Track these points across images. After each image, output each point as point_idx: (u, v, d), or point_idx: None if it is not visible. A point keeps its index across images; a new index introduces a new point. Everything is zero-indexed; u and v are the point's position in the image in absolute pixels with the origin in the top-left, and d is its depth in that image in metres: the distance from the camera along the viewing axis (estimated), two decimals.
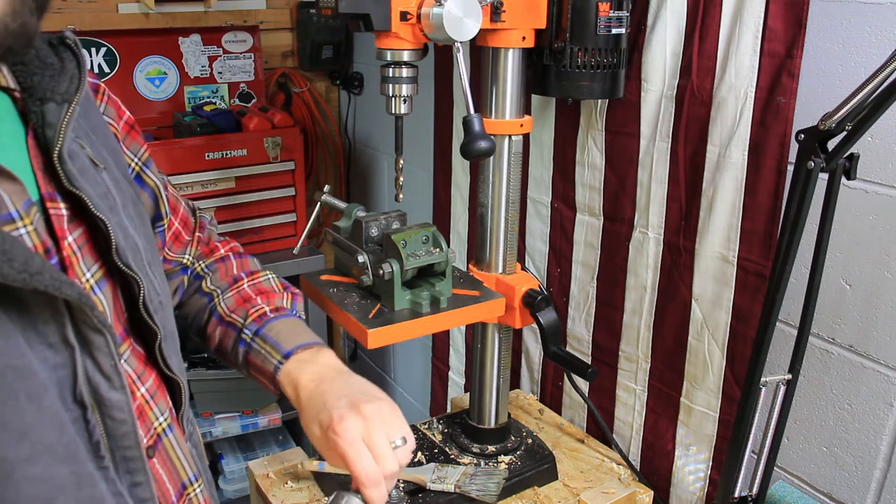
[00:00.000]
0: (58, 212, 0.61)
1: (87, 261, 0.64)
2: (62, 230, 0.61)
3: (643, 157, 1.39)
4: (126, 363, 0.68)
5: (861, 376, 1.15)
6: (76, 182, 0.62)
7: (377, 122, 2.40)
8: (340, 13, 1.06)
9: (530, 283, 1.31)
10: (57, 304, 0.57)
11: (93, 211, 0.63)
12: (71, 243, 0.62)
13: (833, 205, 0.99)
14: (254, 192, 2.00)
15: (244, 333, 0.89)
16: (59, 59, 0.66)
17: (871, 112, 0.87)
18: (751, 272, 1.24)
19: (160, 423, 0.71)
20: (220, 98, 2.25)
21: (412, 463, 1.39)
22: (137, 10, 2.09)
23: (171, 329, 0.75)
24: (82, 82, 0.65)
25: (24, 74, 0.63)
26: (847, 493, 1.20)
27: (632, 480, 1.43)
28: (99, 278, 0.65)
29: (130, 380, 0.68)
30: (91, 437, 0.60)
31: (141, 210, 0.77)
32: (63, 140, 0.61)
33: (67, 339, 0.58)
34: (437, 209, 1.98)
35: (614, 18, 1.24)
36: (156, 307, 0.70)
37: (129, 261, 0.66)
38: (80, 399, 0.59)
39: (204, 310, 0.93)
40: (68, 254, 0.62)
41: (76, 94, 0.64)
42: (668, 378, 1.42)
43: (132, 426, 0.63)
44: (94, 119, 0.73)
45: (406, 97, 1.17)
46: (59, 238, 0.61)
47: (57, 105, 0.62)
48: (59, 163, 0.61)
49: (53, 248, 0.61)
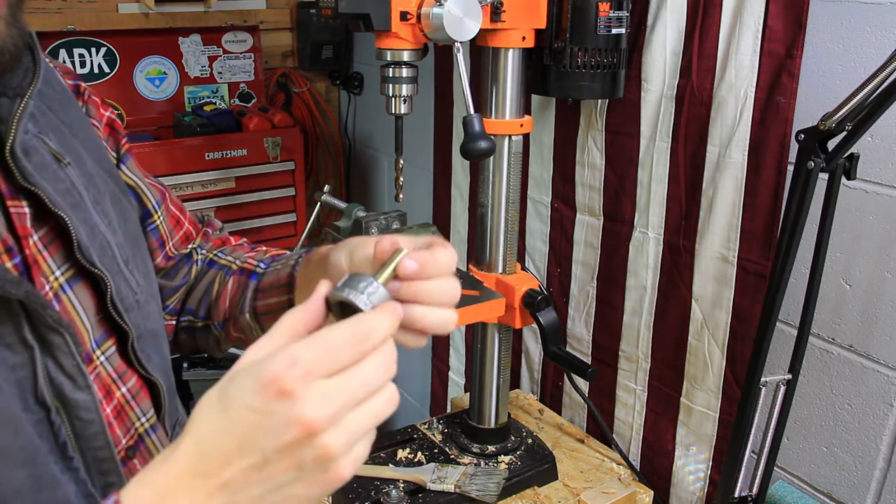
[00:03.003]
0: (19, 210, 0.60)
1: (57, 259, 0.63)
2: (24, 228, 0.60)
3: (643, 157, 1.39)
4: (107, 362, 0.67)
5: (861, 376, 1.15)
6: (31, 178, 0.60)
7: (377, 122, 2.40)
8: (340, 13, 1.06)
9: (530, 283, 1.31)
10: (11, 304, 0.56)
11: (50, 207, 0.61)
12: (36, 242, 0.61)
13: (833, 205, 0.99)
14: (254, 192, 2.00)
15: (258, 267, 0.87)
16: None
17: (871, 112, 0.87)
18: (751, 272, 1.24)
19: (142, 424, 0.70)
20: (220, 98, 2.25)
21: (412, 463, 1.39)
22: (137, 10, 2.09)
23: (150, 328, 0.73)
24: (36, 76, 0.64)
25: None
26: (847, 493, 1.20)
27: (632, 480, 1.43)
28: (70, 277, 0.64)
29: (110, 379, 0.67)
30: (57, 438, 0.59)
31: (123, 207, 0.75)
32: (15, 135, 0.59)
33: (25, 340, 0.57)
34: (437, 209, 1.98)
35: (614, 18, 1.24)
36: (128, 305, 0.69)
37: (94, 258, 0.65)
38: (42, 400, 0.58)
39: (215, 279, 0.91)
40: (32, 252, 0.61)
41: (29, 87, 0.62)
42: (668, 378, 1.42)
43: (101, 426, 0.62)
44: (71, 114, 0.71)
45: (406, 97, 1.17)
46: (20, 236, 0.60)
47: (9, 99, 0.61)
48: (12, 158, 0.59)
49: (15, 246, 0.60)
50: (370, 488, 1.31)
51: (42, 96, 0.67)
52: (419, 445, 1.44)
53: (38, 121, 0.65)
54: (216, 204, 1.94)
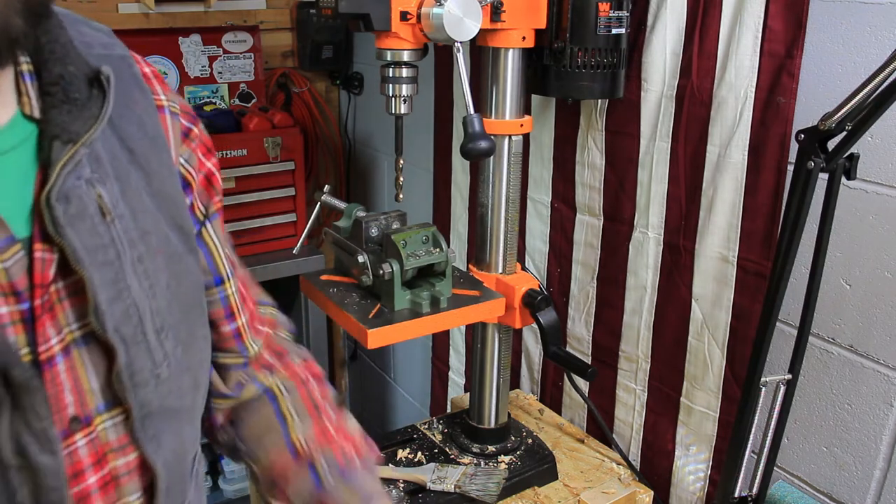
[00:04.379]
0: (44, 255, 0.57)
1: (76, 312, 0.59)
2: (43, 276, 0.57)
3: (643, 157, 1.39)
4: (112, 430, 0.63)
5: (861, 376, 1.15)
6: (60, 229, 0.57)
7: (377, 122, 2.40)
8: (340, 13, 1.06)
9: (530, 283, 1.31)
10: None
11: (71, 263, 0.57)
12: (59, 289, 0.58)
13: (833, 205, 0.99)
14: (254, 192, 1.99)
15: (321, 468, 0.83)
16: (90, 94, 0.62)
17: (871, 112, 0.86)
18: (751, 272, 1.24)
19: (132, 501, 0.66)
20: (220, 98, 2.25)
21: (412, 463, 1.39)
22: (137, 10, 2.09)
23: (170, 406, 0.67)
24: (97, 124, 0.60)
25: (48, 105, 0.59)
26: (847, 493, 1.20)
27: (632, 480, 1.43)
28: (85, 333, 0.60)
29: (108, 448, 0.63)
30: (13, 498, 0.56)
31: (182, 269, 0.69)
32: (54, 181, 0.57)
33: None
34: (437, 209, 1.98)
35: (614, 18, 1.24)
36: (141, 380, 0.63)
37: (107, 324, 0.60)
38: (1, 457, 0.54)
39: (275, 429, 0.85)
40: (51, 300, 0.57)
41: (85, 134, 0.59)
42: (668, 378, 1.42)
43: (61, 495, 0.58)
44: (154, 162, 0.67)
45: (406, 97, 1.17)
46: (35, 284, 0.56)
47: (62, 144, 0.58)
48: (46, 205, 0.56)
49: (27, 291, 0.56)
50: None
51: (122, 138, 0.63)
52: (419, 445, 1.44)
53: (101, 165, 0.61)
54: None
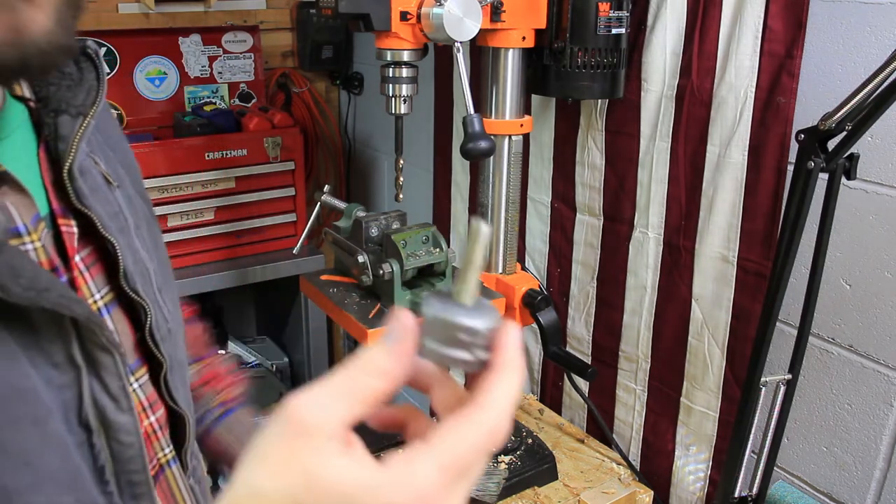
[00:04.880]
0: (69, 229, 0.59)
1: (98, 282, 0.61)
2: (72, 248, 0.59)
3: (643, 157, 1.39)
4: (140, 390, 0.65)
5: (861, 376, 1.15)
6: (85, 200, 0.59)
7: (377, 122, 2.40)
8: (340, 13, 1.06)
9: (530, 283, 1.31)
10: (63, 323, 0.54)
11: (101, 232, 0.60)
12: (79, 262, 0.60)
13: (833, 205, 0.99)
14: (254, 192, 1.99)
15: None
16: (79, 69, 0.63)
17: (871, 112, 0.86)
18: (751, 272, 1.24)
19: (164, 455, 0.69)
20: (220, 98, 2.24)
21: None
22: (137, 10, 2.09)
23: (179, 359, 0.71)
24: (100, 95, 0.62)
25: (40, 84, 0.60)
26: (847, 493, 1.20)
27: (632, 480, 1.43)
28: (108, 301, 0.63)
29: (141, 407, 0.65)
30: (96, 462, 0.57)
31: (156, 231, 0.73)
32: (75, 155, 0.58)
33: (73, 359, 0.55)
34: (437, 209, 1.98)
35: (614, 18, 1.24)
36: (163, 335, 0.67)
37: (138, 286, 0.63)
38: (85, 422, 0.56)
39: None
40: (77, 273, 0.59)
41: (92, 107, 0.61)
42: (668, 378, 1.42)
43: (139, 450, 0.61)
44: (113, 134, 0.70)
45: (406, 97, 1.17)
46: (69, 256, 0.58)
47: (71, 118, 0.60)
48: (69, 179, 0.58)
49: (62, 266, 0.58)
50: None
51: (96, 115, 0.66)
52: None
53: (90, 141, 0.63)
54: (216, 204, 1.94)
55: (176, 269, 2.12)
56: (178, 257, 1.93)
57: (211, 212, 1.94)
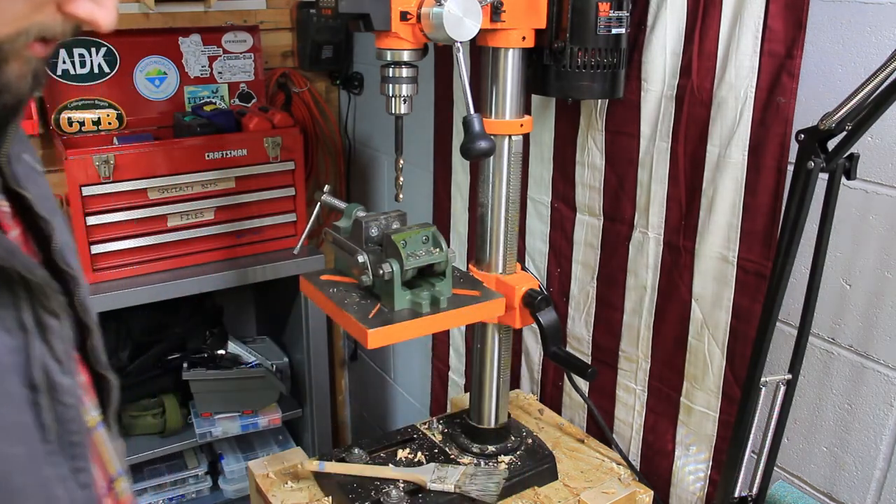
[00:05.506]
0: (3, 209, 0.62)
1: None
2: (7, 225, 0.62)
3: (643, 157, 1.39)
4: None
5: (861, 376, 1.15)
6: (21, 182, 0.63)
7: (377, 122, 2.40)
8: (340, 13, 1.06)
9: (530, 283, 1.31)
10: (14, 288, 0.57)
11: (38, 211, 0.64)
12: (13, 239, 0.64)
13: (833, 205, 0.99)
14: (254, 192, 2.00)
15: None
16: None
17: (871, 112, 0.87)
18: (751, 272, 1.24)
19: (93, 418, 0.73)
20: (220, 98, 2.25)
21: (412, 463, 1.39)
22: (137, 10, 2.09)
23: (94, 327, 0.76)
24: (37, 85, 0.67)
25: None
26: (847, 493, 1.20)
27: (632, 480, 1.43)
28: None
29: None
30: (42, 422, 0.61)
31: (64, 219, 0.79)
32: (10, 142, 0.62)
33: (23, 324, 0.58)
34: (437, 209, 1.98)
35: (614, 18, 1.24)
36: (86, 306, 0.72)
37: (69, 260, 0.68)
38: (32, 383, 0.59)
39: None
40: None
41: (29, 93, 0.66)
42: (668, 378, 1.42)
43: (78, 411, 0.64)
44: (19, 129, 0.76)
45: (406, 97, 1.17)
46: (5, 231, 0.62)
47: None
48: (6, 163, 0.63)
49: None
50: (370, 488, 1.31)
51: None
52: (419, 445, 1.44)
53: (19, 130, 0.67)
54: (216, 204, 1.94)
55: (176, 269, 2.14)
56: (178, 257, 1.93)
57: (211, 212, 1.94)
